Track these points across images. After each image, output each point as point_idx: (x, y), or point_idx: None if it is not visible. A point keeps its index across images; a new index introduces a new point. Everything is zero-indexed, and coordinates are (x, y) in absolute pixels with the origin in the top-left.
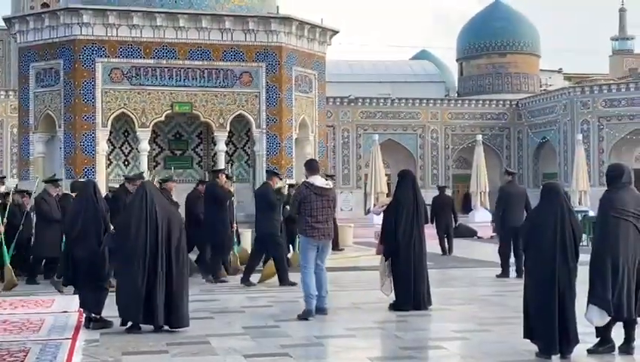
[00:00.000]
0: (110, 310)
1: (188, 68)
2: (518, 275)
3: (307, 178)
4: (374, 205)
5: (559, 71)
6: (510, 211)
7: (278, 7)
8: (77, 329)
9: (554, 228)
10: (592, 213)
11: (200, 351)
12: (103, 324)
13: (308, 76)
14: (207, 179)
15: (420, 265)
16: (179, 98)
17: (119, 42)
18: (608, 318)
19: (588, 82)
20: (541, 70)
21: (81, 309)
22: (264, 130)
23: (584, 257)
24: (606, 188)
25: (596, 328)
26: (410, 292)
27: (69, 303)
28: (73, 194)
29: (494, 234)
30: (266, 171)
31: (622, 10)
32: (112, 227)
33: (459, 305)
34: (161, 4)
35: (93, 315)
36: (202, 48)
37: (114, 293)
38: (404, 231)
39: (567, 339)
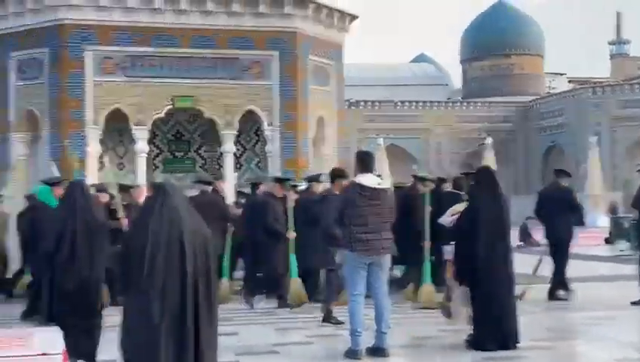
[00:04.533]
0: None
1: (191, 57)
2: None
3: (355, 176)
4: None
5: (563, 74)
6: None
7: None
8: None
9: None
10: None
11: None
12: None
13: (325, 67)
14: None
15: (508, 292)
16: (180, 92)
17: (112, 27)
18: None
19: (596, 84)
20: (545, 73)
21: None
22: (277, 128)
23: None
24: None
25: None
26: (496, 327)
27: (51, 340)
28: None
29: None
30: None
31: (618, 14)
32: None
33: (554, 340)
34: None
35: None
36: (207, 35)
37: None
38: (486, 248)
39: None
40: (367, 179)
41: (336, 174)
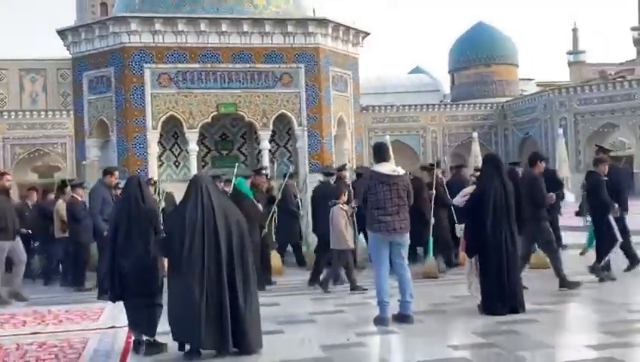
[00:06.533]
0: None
1: (231, 71)
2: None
3: (374, 165)
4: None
5: (532, 79)
6: None
7: (314, 9)
8: (123, 358)
9: None
10: None
11: None
12: (156, 349)
13: (343, 76)
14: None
15: (514, 263)
16: (224, 100)
17: (166, 48)
18: None
19: (561, 86)
20: (519, 79)
21: (131, 329)
22: (305, 128)
23: None
24: None
25: None
26: (505, 294)
27: (118, 315)
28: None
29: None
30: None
31: (574, 30)
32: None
33: (556, 304)
34: (204, 11)
35: (145, 338)
36: (244, 52)
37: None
38: (493, 224)
39: None
40: (384, 168)
41: (537, 157)
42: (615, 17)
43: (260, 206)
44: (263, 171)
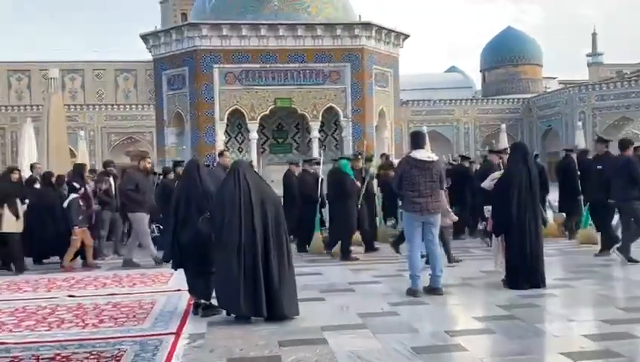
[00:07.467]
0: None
1: (287, 70)
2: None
3: (410, 152)
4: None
5: (555, 77)
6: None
7: (360, 15)
8: (184, 319)
9: None
10: None
11: (319, 359)
12: (212, 311)
13: (385, 73)
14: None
15: (537, 242)
16: (280, 95)
17: (232, 51)
18: None
19: (581, 84)
20: (543, 77)
21: (190, 293)
22: (350, 119)
23: None
24: None
25: None
26: (527, 270)
27: (184, 280)
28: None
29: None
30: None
31: (594, 34)
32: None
33: (575, 280)
34: (264, 18)
35: (202, 301)
36: (298, 53)
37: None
38: (518, 206)
39: None
40: (420, 154)
41: (628, 143)
42: (634, 22)
43: (358, 183)
44: (359, 156)
